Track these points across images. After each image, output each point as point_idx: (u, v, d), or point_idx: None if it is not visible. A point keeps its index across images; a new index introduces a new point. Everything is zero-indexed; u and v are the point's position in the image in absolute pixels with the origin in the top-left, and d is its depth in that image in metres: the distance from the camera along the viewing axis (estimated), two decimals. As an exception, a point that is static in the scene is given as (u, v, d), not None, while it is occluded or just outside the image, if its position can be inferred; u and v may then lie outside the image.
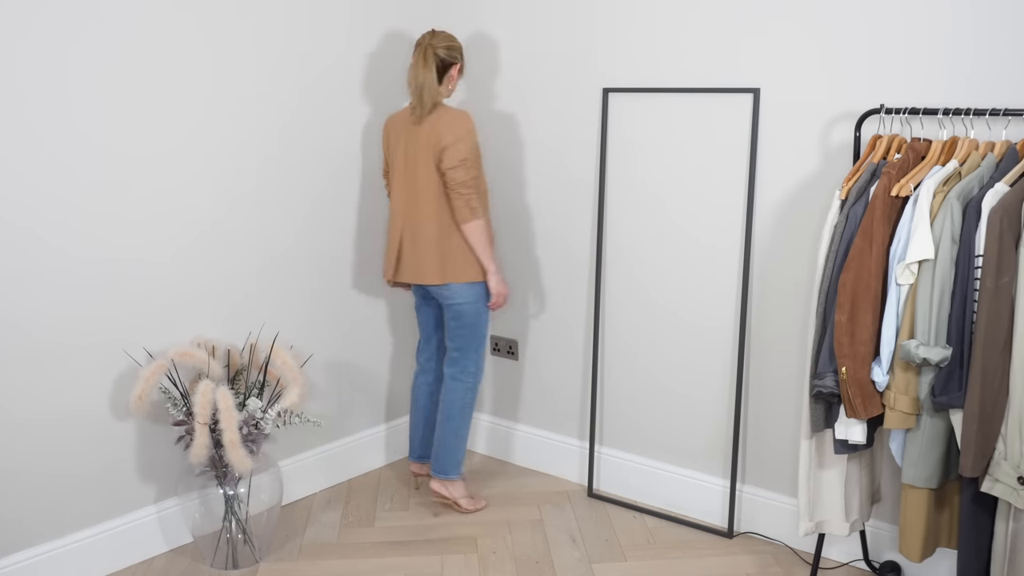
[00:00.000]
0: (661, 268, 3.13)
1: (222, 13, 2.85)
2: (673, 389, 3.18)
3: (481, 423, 3.75)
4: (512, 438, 3.65)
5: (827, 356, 2.34)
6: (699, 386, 3.12)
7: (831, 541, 2.86)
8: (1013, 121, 2.36)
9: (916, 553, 2.35)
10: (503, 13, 3.36)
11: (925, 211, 2.20)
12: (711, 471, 3.14)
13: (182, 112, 2.80)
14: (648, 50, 3.04)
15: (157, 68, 2.71)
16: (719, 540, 3.04)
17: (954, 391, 2.18)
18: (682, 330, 3.12)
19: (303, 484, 3.33)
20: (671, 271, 3.11)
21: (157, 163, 2.76)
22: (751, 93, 2.84)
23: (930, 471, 2.28)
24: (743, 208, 2.93)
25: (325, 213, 3.27)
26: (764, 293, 2.93)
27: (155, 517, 2.89)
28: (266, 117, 3.03)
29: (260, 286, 3.09)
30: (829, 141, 2.71)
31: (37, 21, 2.43)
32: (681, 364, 3.15)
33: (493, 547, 2.99)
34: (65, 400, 2.64)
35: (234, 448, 2.63)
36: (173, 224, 2.82)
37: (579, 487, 3.44)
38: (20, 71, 2.42)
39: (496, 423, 3.70)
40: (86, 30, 2.53)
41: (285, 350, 2.86)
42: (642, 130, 3.10)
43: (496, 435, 3.70)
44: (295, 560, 2.90)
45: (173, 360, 2.74)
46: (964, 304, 2.17)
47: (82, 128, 2.57)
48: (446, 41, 2.95)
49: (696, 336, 3.09)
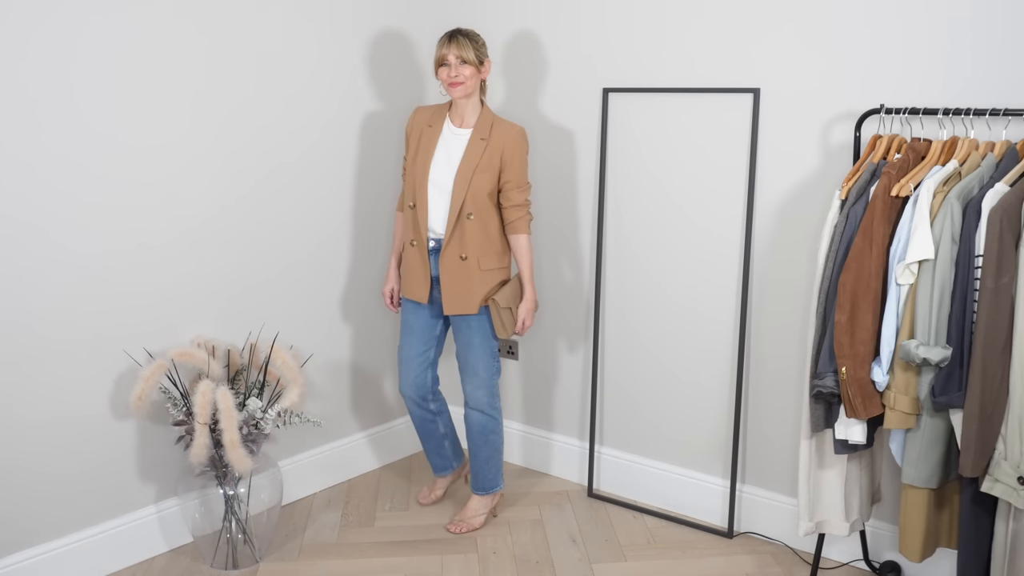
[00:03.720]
0: (661, 268, 3.13)
1: (226, 11, 2.85)
2: (673, 389, 3.18)
3: (481, 423, 3.75)
4: (512, 438, 3.65)
5: (827, 356, 2.34)
6: (699, 386, 3.12)
7: (831, 541, 2.86)
8: (1013, 121, 2.36)
9: (916, 553, 2.35)
10: (503, 13, 3.36)
11: (925, 211, 2.20)
12: (711, 471, 3.14)
13: (183, 113, 2.79)
14: (648, 50, 3.04)
15: (158, 71, 2.71)
16: (719, 540, 3.04)
17: (954, 391, 2.18)
18: (682, 330, 3.12)
19: (303, 484, 3.33)
20: (671, 271, 3.11)
21: (157, 164, 2.76)
22: (751, 93, 2.84)
23: (930, 471, 2.28)
24: (743, 208, 2.93)
25: (326, 213, 3.27)
26: (764, 293, 2.93)
27: (155, 517, 2.89)
28: (267, 118, 3.03)
29: (260, 286, 3.09)
30: (829, 141, 2.71)
31: (43, 20, 2.43)
32: (681, 364, 3.15)
33: (493, 547, 2.99)
34: (65, 400, 2.64)
35: (234, 448, 2.63)
36: (173, 224, 2.82)
37: (579, 487, 3.44)
38: (25, 70, 2.42)
39: (496, 423, 3.70)
40: (91, 29, 2.53)
41: (285, 350, 2.86)
42: (642, 130, 3.10)
43: (496, 435, 3.70)
44: (295, 560, 2.90)
45: (173, 360, 2.74)
46: (964, 304, 2.17)
47: (84, 129, 2.57)
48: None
49: (696, 336, 3.09)
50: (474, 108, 2.88)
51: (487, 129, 2.84)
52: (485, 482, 3.10)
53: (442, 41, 2.81)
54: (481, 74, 2.84)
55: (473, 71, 2.79)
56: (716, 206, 2.97)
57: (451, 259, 2.84)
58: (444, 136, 2.89)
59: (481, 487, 3.10)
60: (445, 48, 2.78)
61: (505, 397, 3.66)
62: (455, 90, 2.80)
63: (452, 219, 2.82)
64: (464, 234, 2.83)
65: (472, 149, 2.82)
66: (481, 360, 2.96)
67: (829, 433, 2.49)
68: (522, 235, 2.88)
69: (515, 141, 2.83)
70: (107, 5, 2.57)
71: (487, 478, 3.09)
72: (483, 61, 2.83)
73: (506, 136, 2.83)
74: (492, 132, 2.83)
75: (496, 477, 3.10)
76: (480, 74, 2.83)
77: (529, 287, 2.91)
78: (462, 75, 2.77)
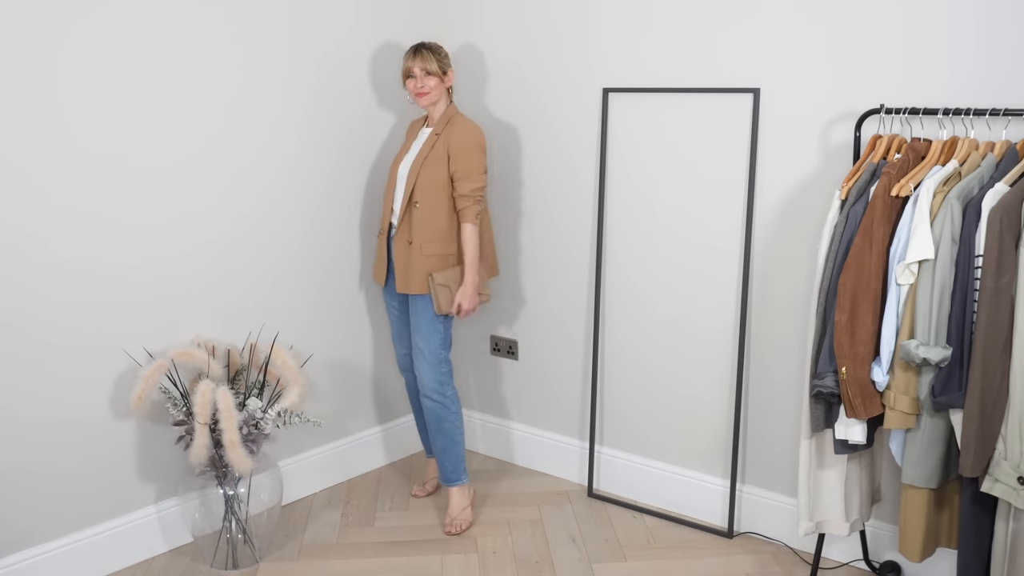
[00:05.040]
0: (661, 268, 3.13)
1: (232, 26, 2.85)
2: (673, 389, 3.18)
3: (481, 423, 3.75)
4: (512, 438, 3.65)
5: (827, 356, 2.34)
6: (699, 386, 3.12)
7: (831, 541, 2.86)
8: (1013, 121, 2.36)
9: (916, 553, 2.35)
10: (503, 13, 3.36)
11: (925, 211, 2.20)
12: (711, 471, 3.14)
13: (183, 114, 2.80)
14: (648, 50, 3.04)
15: (159, 71, 2.72)
16: (719, 540, 3.04)
17: (954, 391, 2.18)
18: (682, 330, 3.12)
19: (303, 484, 3.33)
20: (671, 271, 3.11)
21: (158, 165, 2.76)
22: (751, 93, 2.84)
23: (930, 471, 2.28)
24: (743, 208, 2.93)
25: (326, 213, 3.27)
26: (764, 293, 2.93)
27: (155, 517, 2.89)
28: (267, 118, 3.03)
29: (260, 286, 3.09)
30: (829, 141, 2.71)
31: (26, 21, 2.43)
32: (681, 364, 3.15)
33: (493, 547, 2.99)
34: (65, 400, 2.64)
35: (234, 448, 2.63)
36: (173, 225, 2.82)
37: (579, 487, 3.44)
38: (11, 75, 2.42)
39: (496, 423, 3.70)
40: (89, 36, 2.54)
41: (285, 350, 2.86)
42: (642, 130, 3.10)
43: (496, 435, 3.70)
44: (295, 560, 2.90)
45: (173, 360, 2.74)
46: (964, 304, 2.17)
47: (81, 131, 2.57)
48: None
49: (696, 336, 3.09)
50: (441, 111, 3.05)
51: (443, 125, 3.00)
52: (447, 472, 3.14)
53: (407, 55, 2.99)
54: (445, 83, 3.01)
55: (437, 81, 2.98)
56: (716, 205, 2.97)
57: (401, 243, 3.01)
58: (419, 137, 3.09)
59: (445, 478, 3.15)
60: (410, 61, 2.97)
61: (505, 397, 3.66)
62: (421, 100, 2.99)
63: (402, 206, 3.00)
64: (412, 221, 2.97)
65: (427, 143, 3.00)
66: (424, 339, 3.03)
67: (829, 433, 2.49)
68: (467, 224, 2.98)
69: (463, 135, 2.97)
70: (111, 14, 2.57)
71: (447, 468, 3.13)
72: (446, 71, 3.01)
73: (456, 130, 2.98)
74: (447, 127, 2.99)
75: (457, 469, 3.13)
76: (444, 83, 3.01)
77: (468, 272, 2.99)
78: (427, 86, 2.96)
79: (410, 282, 2.98)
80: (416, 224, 2.95)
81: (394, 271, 3.06)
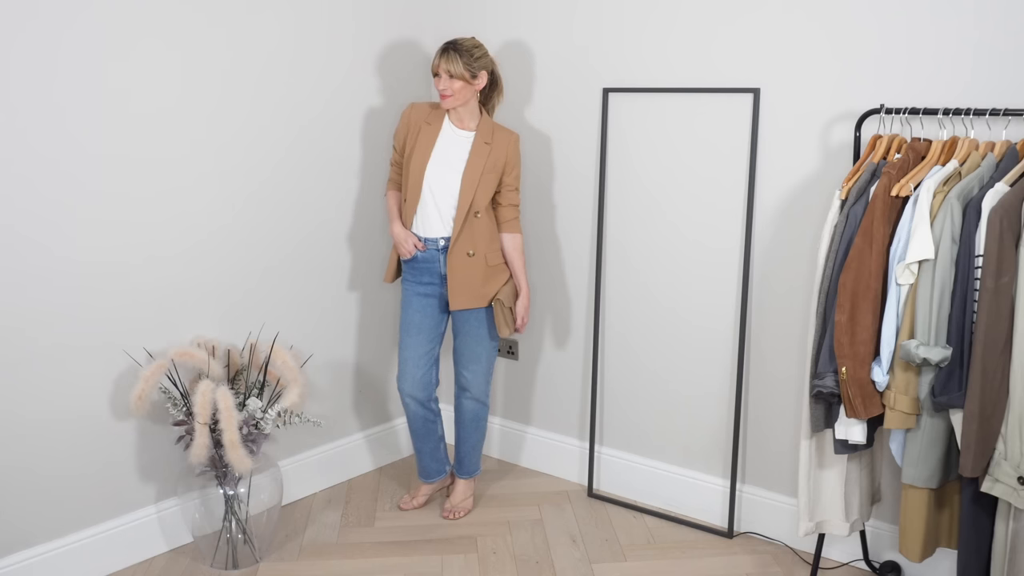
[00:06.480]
0: (661, 267, 3.13)
1: (228, 20, 2.85)
2: (673, 389, 3.18)
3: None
4: (511, 438, 3.65)
5: (827, 356, 2.34)
6: (699, 386, 3.12)
7: (831, 541, 2.86)
8: (1013, 121, 2.36)
9: (916, 553, 2.35)
10: (503, 13, 3.36)
11: (925, 211, 2.20)
12: (711, 471, 3.14)
13: (184, 115, 2.79)
14: (648, 50, 3.04)
15: (160, 72, 2.71)
16: (719, 540, 3.04)
17: (954, 391, 2.18)
18: (682, 329, 3.12)
19: (303, 484, 3.33)
20: (671, 271, 3.11)
21: (158, 166, 2.75)
22: (751, 93, 2.84)
23: (930, 471, 2.28)
24: (743, 208, 2.93)
25: (325, 213, 3.27)
26: (764, 293, 2.93)
27: (155, 517, 2.89)
28: (267, 119, 3.03)
29: (260, 286, 3.09)
30: (829, 141, 2.71)
31: (26, 22, 2.44)
32: (681, 364, 3.15)
33: (493, 547, 2.99)
34: (65, 400, 2.64)
35: (234, 448, 2.63)
36: (173, 225, 2.82)
37: (579, 487, 3.44)
38: (13, 73, 2.42)
39: (496, 423, 3.70)
40: (88, 36, 2.54)
41: (285, 350, 2.86)
42: (642, 130, 3.10)
43: (496, 435, 3.70)
44: (295, 560, 2.90)
45: (173, 360, 2.73)
46: (964, 304, 2.17)
47: (81, 131, 2.57)
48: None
49: (696, 336, 3.09)
50: (472, 113, 2.98)
51: (490, 134, 2.98)
52: (471, 467, 3.25)
53: (437, 53, 2.90)
54: (474, 86, 2.92)
55: (463, 84, 2.88)
56: (716, 205, 2.97)
57: (459, 256, 2.96)
58: (444, 135, 2.98)
59: (467, 472, 3.25)
60: (437, 60, 2.89)
61: (505, 397, 3.66)
62: (444, 101, 2.92)
63: (461, 217, 2.93)
64: (473, 232, 2.96)
65: (478, 151, 2.95)
66: (486, 351, 3.11)
67: (829, 433, 2.49)
68: (517, 234, 3.07)
69: (516, 146, 3.02)
70: (110, 15, 2.57)
71: (473, 462, 3.26)
72: (475, 75, 2.89)
73: (508, 141, 2.99)
74: (495, 137, 2.98)
75: (479, 461, 3.30)
76: (473, 86, 2.91)
77: (525, 285, 3.08)
78: (451, 88, 2.87)
79: (478, 296, 2.97)
80: (478, 235, 2.96)
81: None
